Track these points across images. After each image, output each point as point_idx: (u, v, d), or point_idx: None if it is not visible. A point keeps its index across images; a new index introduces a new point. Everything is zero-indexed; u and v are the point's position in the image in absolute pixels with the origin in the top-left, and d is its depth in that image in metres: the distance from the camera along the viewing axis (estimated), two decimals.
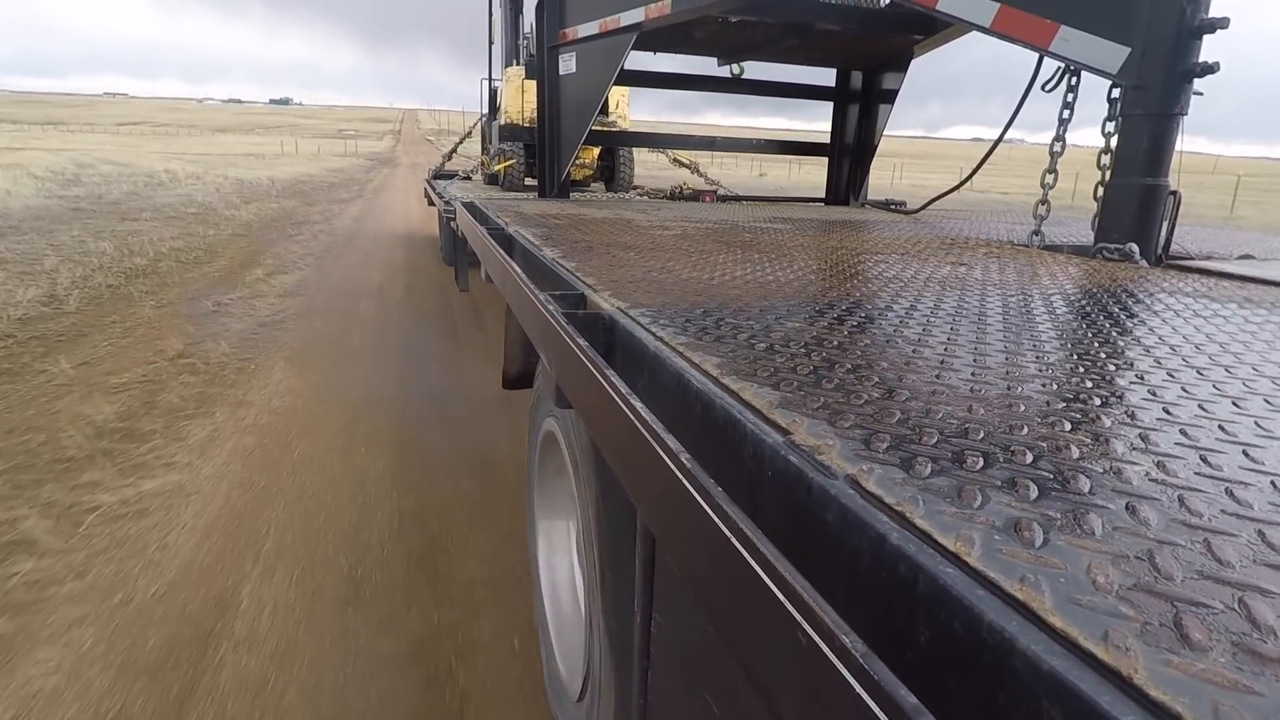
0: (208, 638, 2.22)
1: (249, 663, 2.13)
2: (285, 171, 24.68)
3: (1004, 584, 0.51)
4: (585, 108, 4.54)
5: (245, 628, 2.28)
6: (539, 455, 2.06)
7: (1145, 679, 0.42)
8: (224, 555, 2.66)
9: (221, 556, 2.65)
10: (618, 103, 8.45)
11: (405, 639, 2.29)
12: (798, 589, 0.52)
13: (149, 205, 13.60)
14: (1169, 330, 1.41)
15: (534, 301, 1.49)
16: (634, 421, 0.85)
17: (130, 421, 3.80)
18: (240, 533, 2.80)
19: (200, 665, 2.11)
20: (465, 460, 3.57)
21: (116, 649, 2.16)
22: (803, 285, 1.76)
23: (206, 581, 2.50)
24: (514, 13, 8.84)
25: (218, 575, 2.54)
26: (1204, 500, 0.66)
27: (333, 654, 2.19)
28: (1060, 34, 2.36)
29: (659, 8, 3.81)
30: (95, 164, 21.58)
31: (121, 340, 5.22)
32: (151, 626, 2.26)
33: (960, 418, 0.85)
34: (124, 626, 2.25)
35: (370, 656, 2.19)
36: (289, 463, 3.43)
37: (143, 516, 2.89)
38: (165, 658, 2.14)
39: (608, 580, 1.35)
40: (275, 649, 2.19)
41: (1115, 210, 2.48)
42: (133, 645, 2.18)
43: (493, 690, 2.11)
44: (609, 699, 1.40)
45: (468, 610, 2.44)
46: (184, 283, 7.28)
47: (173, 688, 2.02)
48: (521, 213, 3.44)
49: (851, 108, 5.33)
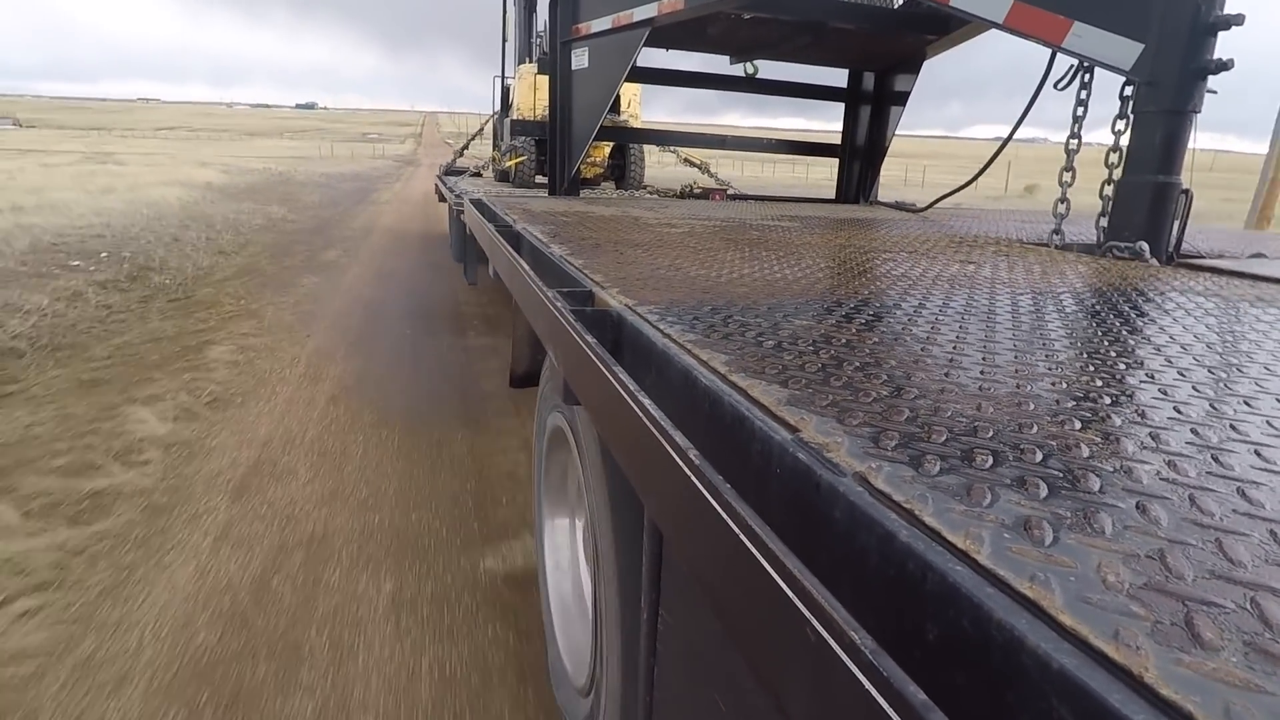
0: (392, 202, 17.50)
1: (393, 199, 18.99)
2: (346, 169, 32.21)
3: (1014, 582, 0.51)
4: (597, 104, 4.54)
5: (401, 193, 20.32)
6: (546, 451, 2.06)
7: (1156, 678, 0.42)
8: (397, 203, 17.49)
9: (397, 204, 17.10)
10: (629, 101, 8.45)
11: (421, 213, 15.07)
12: (806, 586, 0.52)
13: (306, 181, 23.36)
14: (1180, 329, 1.40)
15: (542, 298, 1.49)
16: (641, 418, 0.85)
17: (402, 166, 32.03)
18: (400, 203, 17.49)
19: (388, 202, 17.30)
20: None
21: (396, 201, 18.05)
22: (811, 283, 1.75)
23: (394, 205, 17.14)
24: (528, 10, 8.86)
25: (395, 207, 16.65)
26: (1215, 499, 0.66)
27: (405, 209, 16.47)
28: (1074, 30, 2.35)
29: (672, 3, 3.80)
30: (227, 166, 28.21)
31: (394, 184, 24.65)
32: (397, 200, 18.54)
33: (969, 416, 0.85)
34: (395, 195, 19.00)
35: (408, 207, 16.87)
36: (410, 193, 20.38)
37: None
38: (396, 202, 17.83)
39: (615, 577, 1.35)
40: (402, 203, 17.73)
41: (1126, 208, 2.46)
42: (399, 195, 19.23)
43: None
44: (615, 694, 1.41)
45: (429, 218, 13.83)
46: (386, 185, 24.20)
47: (400, 187, 22.37)
48: (529, 210, 3.45)
49: (863, 109, 5.31)
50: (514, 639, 2.28)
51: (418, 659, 2.17)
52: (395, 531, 2.86)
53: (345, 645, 2.21)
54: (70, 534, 2.72)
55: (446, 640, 2.26)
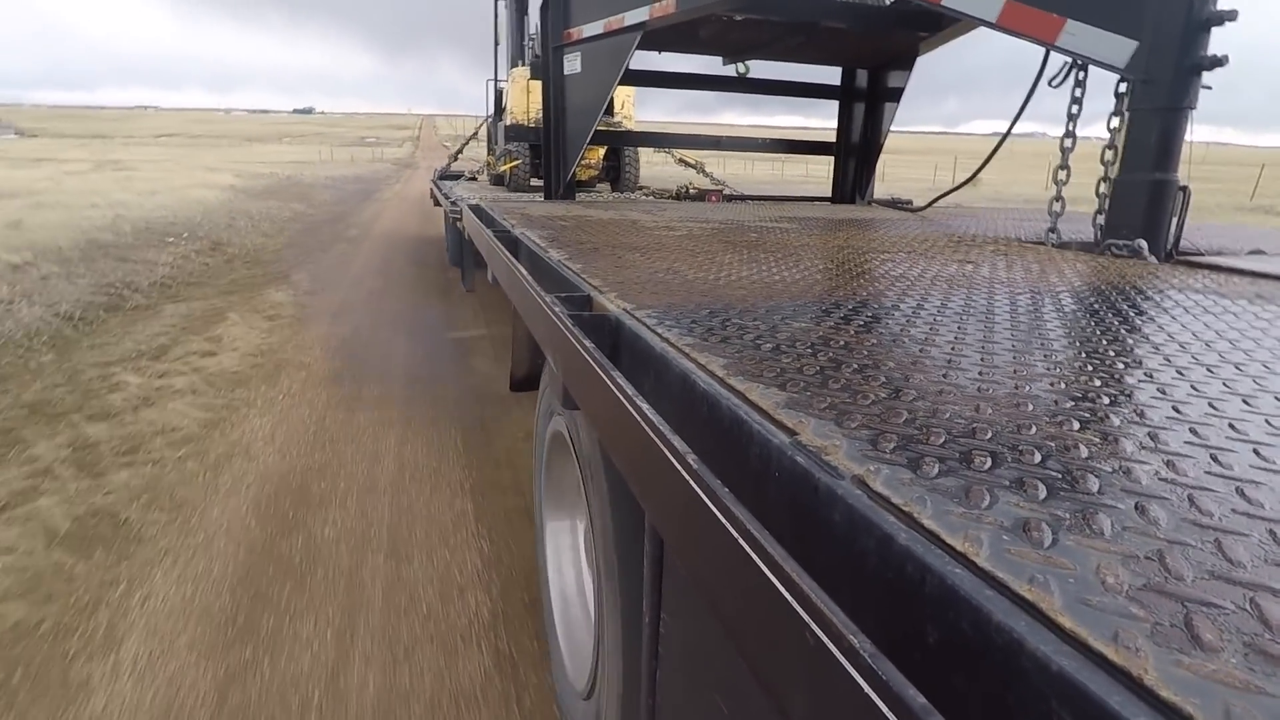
0: (394, 199, 19.64)
1: (394, 197, 21.25)
2: (349, 172, 33.39)
3: (1013, 584, 0.51)
4: (591, 108, 4.54)
5: (400, 193, 21.81)
6: (546, 456, 2.06)
7: (1156, 679, 0.42)
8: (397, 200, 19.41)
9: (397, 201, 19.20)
10: (623, 103, 8.44)
11: (418, 209, 16.35)
12: (805, 589, 0.51)
13: (314, 183, 23.83)
14: (1178, 327, 1.40)
15: (540, 303, 1.49)
16: (640, 423, 0.85)
17: (400, 169, 36.16)
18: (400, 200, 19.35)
19: (390, 200, 19.52)
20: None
21: (396, 199, 20.00)
22: (809, 285, 1.75)
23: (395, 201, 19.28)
24: (519, 13, 8.84)
25: (396, 203, 18.67)
26: (1214, 499, 0.66)
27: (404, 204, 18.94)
28: (1067, 28, 2.35)
29: (664, 6, 3.81)
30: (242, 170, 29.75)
31: (395, 185, 26.64)
32: (398, 198, 21.05)
33: (968, 417, 0.85)
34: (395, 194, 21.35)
35: (406, 203, 19.03)
36: (409, 194, 21.95)
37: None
38: (396, 199, 19.74)
39: (616, 580, 1.35)
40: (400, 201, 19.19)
41: (1124, 205, 2.46)
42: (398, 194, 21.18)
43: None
44: (616, 698, 1.41)
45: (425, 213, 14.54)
46: (388, 186, 26.00)
47: (399, 187, 24.88)
48: (527, 214, 3.45)
49: (857, 106, 5.31)
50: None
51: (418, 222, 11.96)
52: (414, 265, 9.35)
53: (406, 223, 13.80)
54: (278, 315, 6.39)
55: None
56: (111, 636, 2.20)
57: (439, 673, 2.10)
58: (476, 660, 2.16)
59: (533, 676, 2.10)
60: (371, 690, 2.03)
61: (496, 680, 2.09)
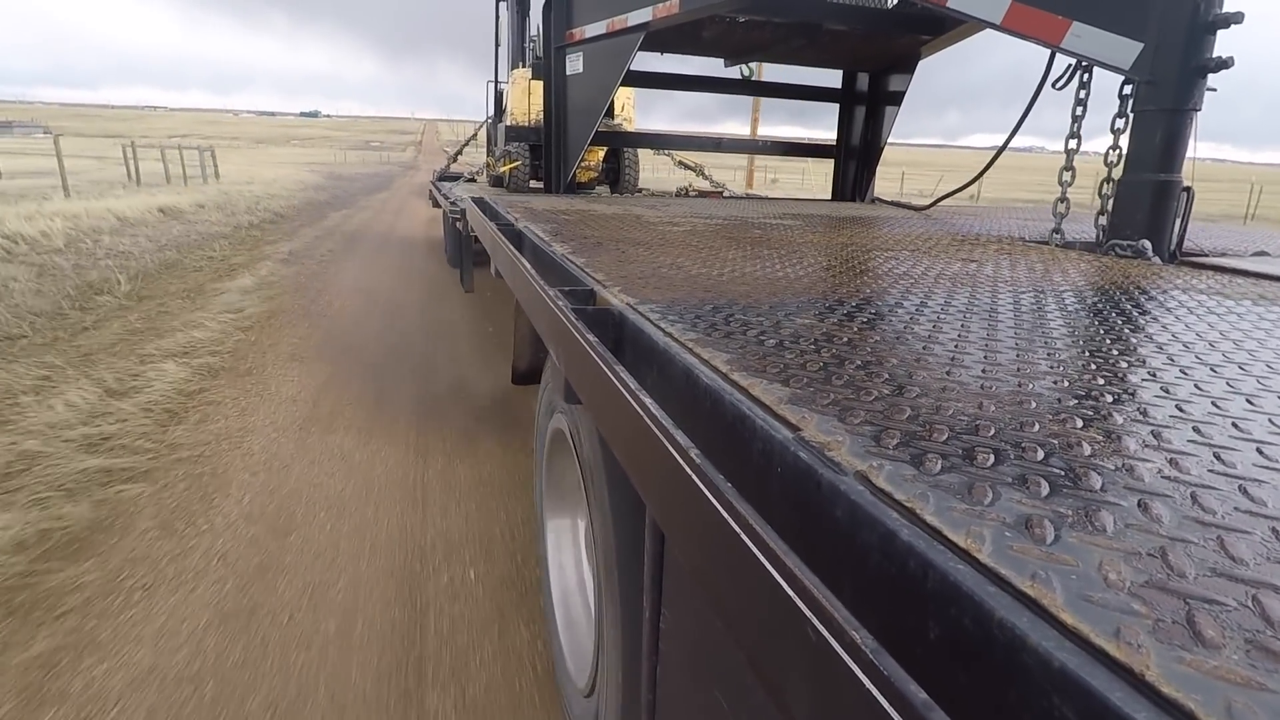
0: (393, 202, 22.47)
1: (404, 184, 30.81)
2: (366, 170, 41.85)
3: (1015, 580, 0.51)
4: (592, 109, 4.53)
5: (400, 196, 24.29)
6: (547, 450, 2.06)
7: (1158, 676, 0.42)
8: (395, 203, 21.63)
9: (396, 204, 21.45)
10: (624, 104, 8.42)
11: (419, 191, 24.13)
12: (807, 585, 0.51)
13: (353, 176, 32.97)
14: (1182, 327, 1.39)
15: (543, 297, 1.49)
16: (643, 417, 0.85)
17: (405, 170, 43.69)
18: (395, 203, 22.31)
19: (389, 198, 24.31)
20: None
21: (387, 202, 22.30)
22: (813, 281, 1.75)
23: (392, 205, 21.33)
24: (520, 14, 8.81)
25: (393, 206, 20.93)
26: (1217, 497, 0.66)
27: (410, 185, 29.14)
28: (1072, 30, 2.34)
29: (667, 7, 3.80)
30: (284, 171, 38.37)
31: (402, 179, 34.87)
32: (407, 184, 29.97)
33: (971, 414, 0.85)
34: (385, 199, 23.49)
35: (411, 185, 29.03)
36: (412, 183, 30.74)
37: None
38: (395, 207, 21.23)
39: (616, 576, 1.35)
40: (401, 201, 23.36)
41: (1128, 206, 2.46)
42: (389, 199, 23.97)
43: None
44: (617, 695, 1.41)
45: (423, 193, 21.64)
46: (398, 180, 34.08)
47: (406, 179, 34.51)
48: (531, 208, 3.45)
49: (858, 110, 5.31)
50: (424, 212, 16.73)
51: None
52: (417, 196, 21.82)
53: (412, 190, 25.50)
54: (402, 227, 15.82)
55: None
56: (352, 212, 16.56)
57: (421, 192, 20.62)
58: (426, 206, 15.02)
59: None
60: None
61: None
